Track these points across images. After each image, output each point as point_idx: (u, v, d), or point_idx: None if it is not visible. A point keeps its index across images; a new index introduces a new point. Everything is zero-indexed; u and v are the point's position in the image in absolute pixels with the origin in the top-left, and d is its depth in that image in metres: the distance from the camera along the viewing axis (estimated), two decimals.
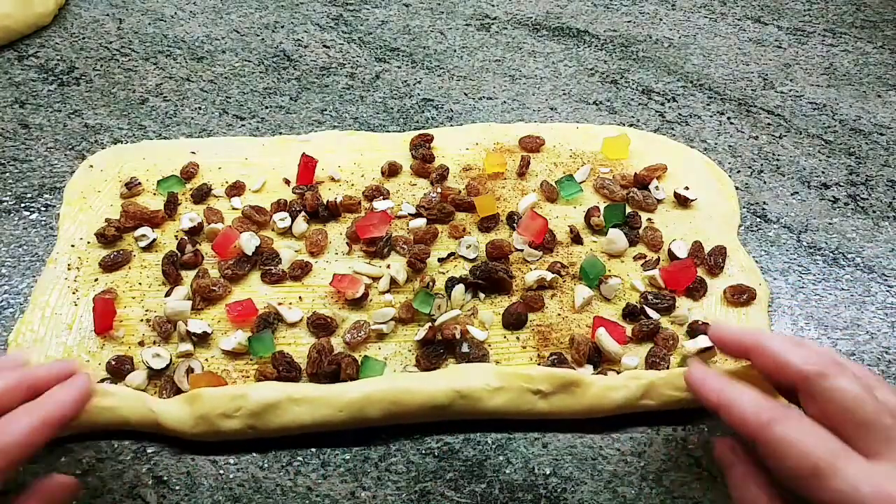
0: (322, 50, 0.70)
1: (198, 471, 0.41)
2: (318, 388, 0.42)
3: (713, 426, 0.44)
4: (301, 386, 0.42)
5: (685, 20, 0.76)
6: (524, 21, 0.75)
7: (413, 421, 0.43)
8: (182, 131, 0.60)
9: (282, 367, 0.44)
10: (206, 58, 0.68)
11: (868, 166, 0.60)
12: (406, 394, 0.42)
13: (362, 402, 0.41)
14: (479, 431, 0.43)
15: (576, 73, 0.68)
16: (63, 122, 0.60)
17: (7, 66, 0.65)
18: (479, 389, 0.42)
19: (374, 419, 0.42)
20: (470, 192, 0.54)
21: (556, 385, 0.42)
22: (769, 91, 0.68)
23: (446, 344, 0.45)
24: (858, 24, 0.77)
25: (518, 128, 0.60)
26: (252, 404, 0.41)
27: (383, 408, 0.42)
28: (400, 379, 0.43)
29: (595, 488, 0.41)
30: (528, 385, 0.42)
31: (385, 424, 0.43)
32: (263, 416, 0.41)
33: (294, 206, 0.52)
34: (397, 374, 0.44)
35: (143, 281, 0.48)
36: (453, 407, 0.42)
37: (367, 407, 0.42)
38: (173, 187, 0.53)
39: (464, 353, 0.45)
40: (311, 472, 0.41)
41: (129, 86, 0.64)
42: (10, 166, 0.56)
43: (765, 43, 0.74)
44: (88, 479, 0.40)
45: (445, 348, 0.45)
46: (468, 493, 0.41)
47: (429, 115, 0.63)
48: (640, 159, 0.58)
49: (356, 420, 0.42)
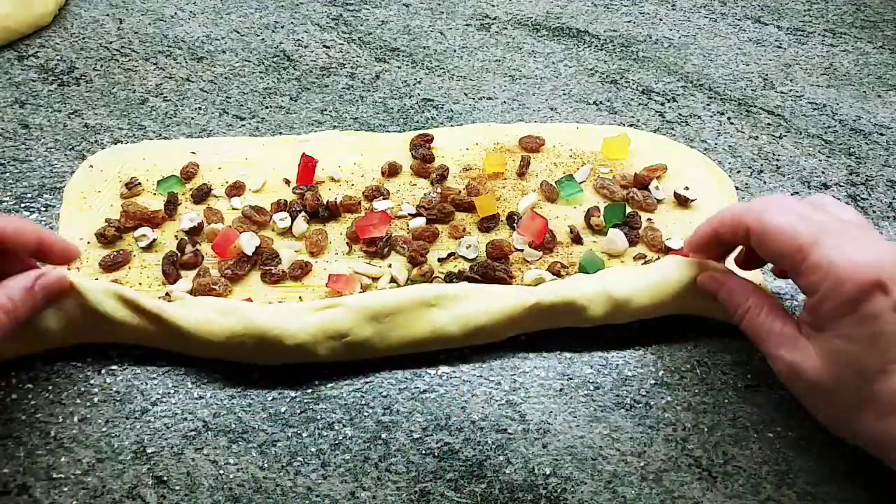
0: (322, 50, 0.70)
1: (198, 471, 0.41)
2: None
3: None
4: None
5: (685, 20, 0.76)
6: (524, 21, 0.75)
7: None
8: (182, 131, 0.60)
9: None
10: (206, 58, 0.68)
11: (868, 166, 0.60)
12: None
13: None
14: (479, 430, 0.43)
15: (576, 73, 0.68)
16: (63, 122, 0.60)
17: (7, 66, 0.65)
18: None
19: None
20: (470, 192, 0.54)
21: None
22: (769, 91, 0.68)
23: None
24: (858, 24, 0.77)
25: (518, 128, 0.60)
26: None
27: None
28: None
29: (595, 488, 0.41)
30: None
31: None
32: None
33: (294, 206, 0.52)
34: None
35: (143, 281, 0.48)
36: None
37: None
38: (173, 187, 0.53)
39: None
40: (311, 472, 0.41)
41: (129, 86, 0.64)
42: (10, 166, 0.56)
43: (765, 43, 0.74)
44: (88, 479, 0.40)
45: None
46: (468, 493, 0.41)
47: (429, 115, 0.63)
48: (640, 159, 0.58)
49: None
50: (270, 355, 0.44)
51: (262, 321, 0.43)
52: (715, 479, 0.42)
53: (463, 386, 0.45)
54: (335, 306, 0.44)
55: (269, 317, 0.43)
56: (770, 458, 0.42)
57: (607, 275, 0.47)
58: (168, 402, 0.43)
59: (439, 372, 0.46)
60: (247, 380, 0.45)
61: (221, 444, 0.42)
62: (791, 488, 0.41)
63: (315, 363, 0.45)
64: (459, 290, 0.45)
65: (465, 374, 0.46)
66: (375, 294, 0.45)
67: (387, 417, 0.43)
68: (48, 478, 0.40)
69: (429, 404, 0.44)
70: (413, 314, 0.44)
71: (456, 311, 0.45)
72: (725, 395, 0.45)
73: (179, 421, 0.43)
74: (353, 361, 0.45)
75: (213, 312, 0.44)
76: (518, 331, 0.46)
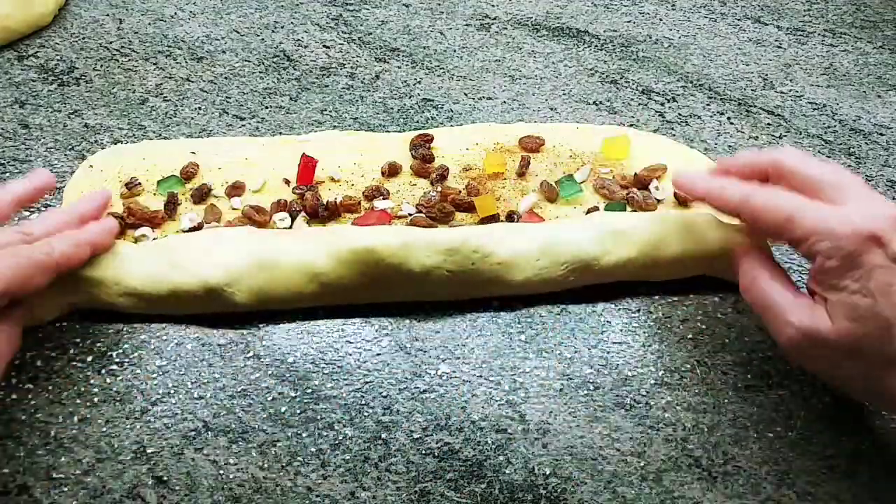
0: (322, 50, 0.70)
1: (198, 471, 0.41)
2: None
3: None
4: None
5: (685, 20, 0.76)
6: (524, 21, 0.75)
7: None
8: (182, 131, 0.60)
9: None
10: (206, 58, 0.68)
11: (868, 166, 0.60)
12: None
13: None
14: (479, 430, 0.43)
15: (576, 73, 0.68)
16: (63, 122, 0.60)
17: (7, 66, 0.65)
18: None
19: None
20: (470, 192, 0.54)
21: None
22: (769, 91, 0.68)
23: None
24: (858, 24, 0.77)
25: (518, 128, 0.60)
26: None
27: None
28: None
29: (595, 488, 0.41)
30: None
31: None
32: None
33: (294, 206, 0.52)
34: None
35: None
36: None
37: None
38: (173, 187, 0.53)
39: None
40: (311, 472, 0.41)
41: (129, 86, 0.64)
42: (10, 166, 0.56)
43: (765, 43, 0.74)
44: (88, 479, 0.40)
45: None
46: (468, 493, 0.41)
47: (429, 115, 0.63)
48: (640, 159, 0.58)
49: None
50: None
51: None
52: (715, 479, 0.42)
53: (463, 386, 0.45)
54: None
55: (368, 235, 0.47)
56: (770, 458, 0.42)
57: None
58: (168, 402, 0.43)
59: (439, 372, 0.46)
60: (247, 380, 0.45)
61: (221, 444, 0.42)
62: (791, 488, 0.41)
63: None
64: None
65: (465, 374, 0.46)
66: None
67: (387, 417, 0.43)
68: (48, 478, 0.40)
69: (429, 404, 0.44)
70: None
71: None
72: (725, 395, 0.45)
73: (179, 421, 0.43)
74: (352, 360, 0.45)
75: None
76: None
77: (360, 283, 0.46)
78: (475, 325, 0.48)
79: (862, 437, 0.43)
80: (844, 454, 0.42)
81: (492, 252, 0.47)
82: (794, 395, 0.45)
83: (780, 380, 0.46)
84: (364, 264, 0.46)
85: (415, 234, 0.47)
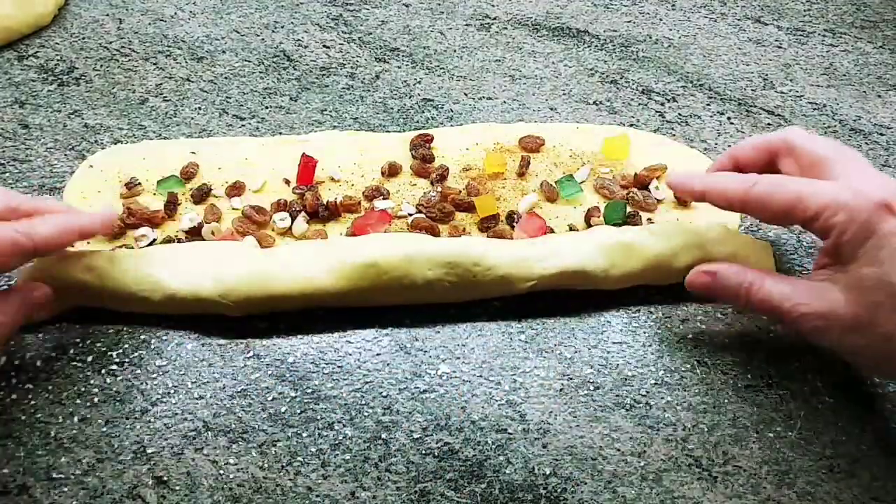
0: (322, 50, 0.70)
1: (198, 471, 0.41)
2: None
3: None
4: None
5: (685, 20, 0.76)
6: (524, 21, 0.75)
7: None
8: (182, 131, 0.60)
9: None
10: (206, 58, 0.68)
11: None
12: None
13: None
14: (479, 430, 0.43)
15: (576, 73, 0.68)
16: (63, 122, 0.60)
17: (7, 66, 0.65)
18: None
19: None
20: (470, 192, 0.54)
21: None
22: (769, 91, 0.68)
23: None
24: (858, 24, 0.77)
25: (518, 128, 0.60)
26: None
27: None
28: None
29: (595, 488, 0.41)
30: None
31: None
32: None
33: (294, 206, 0.52)
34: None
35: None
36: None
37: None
38: (173, 187, 0.53)
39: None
40: (311, 472, 0.41)
41: (129, 86, 0.64)
42: (10, 166, 0.56)
43: (765, 43, 0.74)
44: (88, 479, 0.40)
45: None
46: (468, 493, 0.41)
47: (429, 115, 0.63)
48: (640, 159, 0.58)
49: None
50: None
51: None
52: (715, 479, 0.42)
53: (463, 386, 0.45)
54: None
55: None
56: (770, 458, 0.42)
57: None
58: (168, 402, 0.43)
59: (439, 372, 0.46)
60: (247, 380, 0.45)
61: (221, 444, 0.42)
62: (791, 488, 0.41)
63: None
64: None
65: (465, 374, 0.46)
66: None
67: (387, 417, 0.43)
68: (48, 478, 0.40)
69: (429, 404, 0.44)
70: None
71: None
72: (725, 395, 0.45)
73: (179, 421, 0.43)
74: (352, 363, 0.45)
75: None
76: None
77: (360, 295, 0.46)
78: (475, 325, 0.48)
79: (862, 437, 0.43)
80: (844, 454, 0.42)
81: (494, 265, 0.47)
82: (794, 395, 0.45)
83: (780, 380, 0.46)
84: (364, 279, 0.46)
85: (416, 245, 0.46)
